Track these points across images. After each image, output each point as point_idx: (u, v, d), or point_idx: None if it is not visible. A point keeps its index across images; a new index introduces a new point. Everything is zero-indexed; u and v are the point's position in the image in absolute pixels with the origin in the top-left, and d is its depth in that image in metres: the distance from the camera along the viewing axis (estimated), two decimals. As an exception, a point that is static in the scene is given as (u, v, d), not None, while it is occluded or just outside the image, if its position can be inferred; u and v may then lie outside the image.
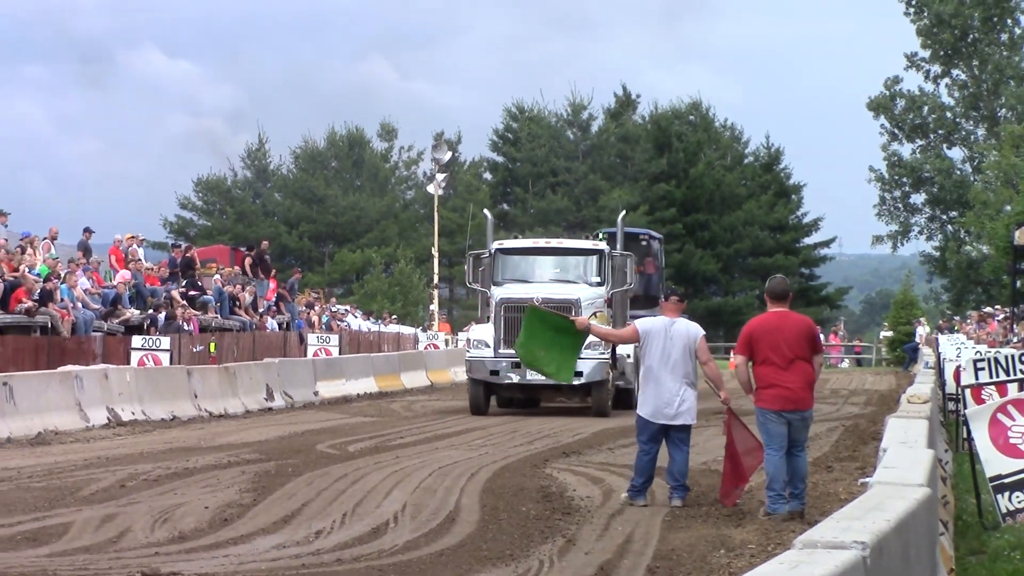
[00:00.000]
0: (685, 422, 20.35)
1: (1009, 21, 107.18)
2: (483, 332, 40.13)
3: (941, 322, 76.94)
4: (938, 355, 41.88)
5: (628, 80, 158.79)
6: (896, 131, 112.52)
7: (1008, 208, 74.60)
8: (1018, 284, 53.80)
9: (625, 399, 39.21)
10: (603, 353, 37.95)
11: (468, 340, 41.01)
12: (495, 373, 39.05)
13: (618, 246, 42.53)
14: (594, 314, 37.05)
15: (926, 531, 11.16)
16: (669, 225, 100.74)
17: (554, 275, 40.99)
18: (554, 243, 43.62)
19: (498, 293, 39.69)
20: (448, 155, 41.36)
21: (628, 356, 40.07)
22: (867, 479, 11.94)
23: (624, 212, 47.35)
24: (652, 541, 17.36)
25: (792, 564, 7.75)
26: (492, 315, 39.83)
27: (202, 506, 19.57)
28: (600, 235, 48.50)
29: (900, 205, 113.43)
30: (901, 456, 13.19)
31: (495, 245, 41.48)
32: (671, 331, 20.35)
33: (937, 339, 54.27)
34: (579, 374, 33.97)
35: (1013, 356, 21.88)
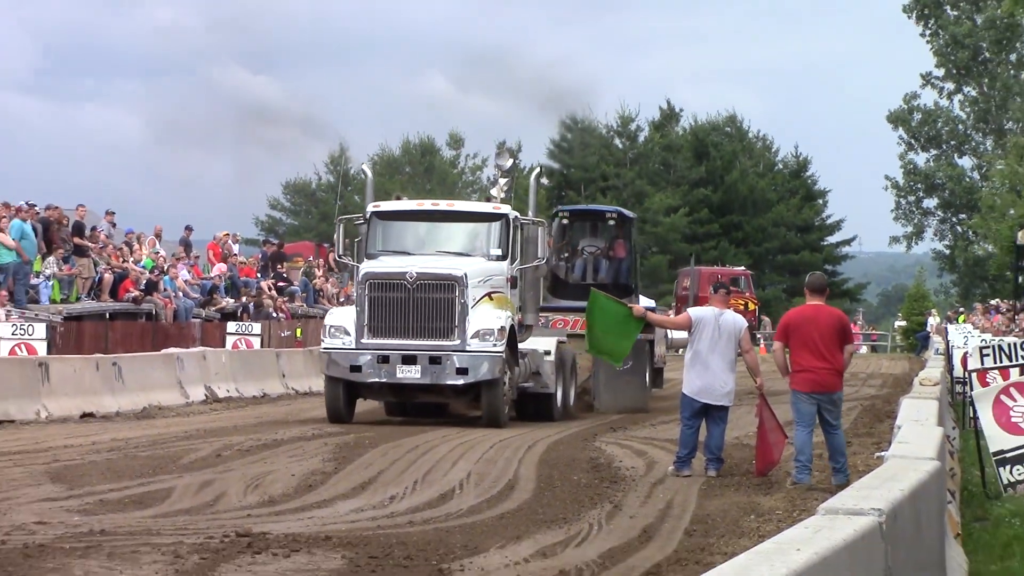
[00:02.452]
0: (725, 403, 20.46)
1: (1018, 44, 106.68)
2: (343, 317, 28.05)
3: (950, 313, 76.62)
4: (947, 343, 41.71)
5: (670, 95, 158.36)
6: (912, 142, 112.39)
7: (1012, 212, 74.20)
8: (1020, 280, 53.51)
9: (542, 407, 29.59)
10: (496, 345, 26.91)
11: (324, 327, 28.28)
12: (357, 369, 27.03)
13: (530, 212, 31.08)
14: (488, 295, 27.73)
15: (936, 500, 11.12)
16: (707, 225, 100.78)
17: (443, 246, 28.93)
18: (444, 205, 30.75)
19: (364, 267, 27.97)
20: (510, 162, 40.38)
21: (547, 353, 29.73)
22: (883, 453, 11.92)
23: (538, 170, 34.82)
24: (690, 507, 17.33)
25: (816, 529, 7.74)
26: (355, 295, 29.11)
27: (289, 473, 19.61)
28: (559, 213, 38.93)
29: (914, 208, 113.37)
30: (914, 433, 13.16)
31: (370, 207, 29.04)
32: (720, 321, 20.40)
33: (946, 328, 53.97)
34: (464, 371, 26.93)
35: (1015, 344, 21.84)
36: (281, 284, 51.38)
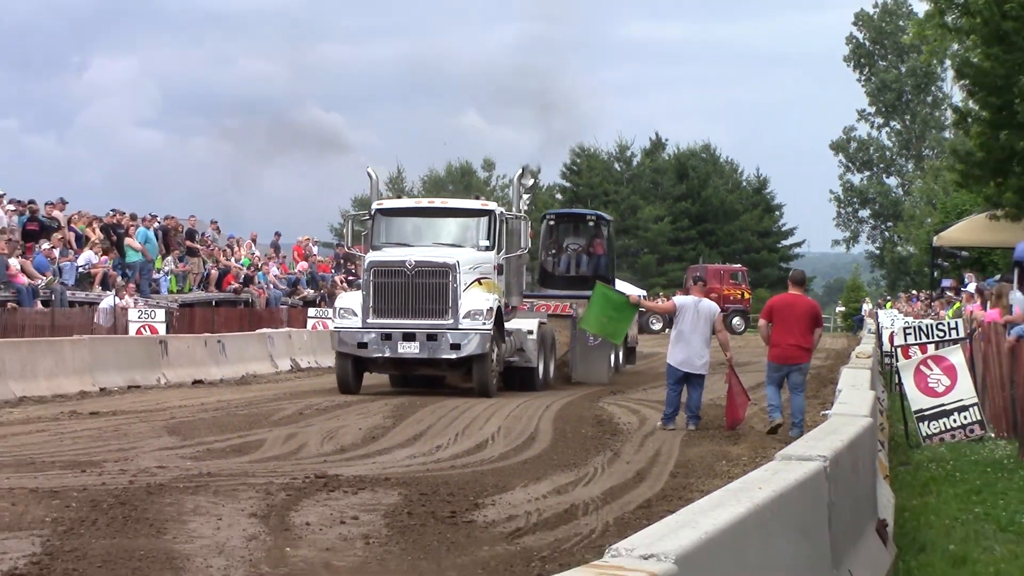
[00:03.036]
0: (702, 372, 20.54)
1: (933, 88, 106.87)
2: (351, 300, 26.64)
3: (879, 301, 76.31)
4: (878, 324, 41.55)
5: (658, 128, 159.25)
6: (850, 165, 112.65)
7: (929, 220, 74.04)
8: (935, 274, 53.25)
9: (526, 379, 27.81)
10: (485, 324, 25.34)
11: (335, 309, 27.30)
12: (363, 346, 25.64)
13: (514, 208, 28.84)
14: (478, 280, 26.15)
15: (869, 448, 11.09)
16: (687, 231, 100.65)
17: (438, 238, 27.32)
18: (438, 203, 29.34)
19: (370, 257, 26.53)
20: (531, 181, 40.03)
21: (531, 332, 27.92)
22: (827, 411, 11.86)
23: (521, 170, 30.90)
24: (674, 454, 17.30)
25: (774, 471, 7.73)
26: (362, 281, 27.14)
27: (357, 428, 19.61)
28: (547, 216, 37.41)
29: (851, 218, 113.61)
30: (851, 395, 13.12)
31: (375, 205, 27.71)
32: (698, 307, 20.53)
33: (877, 313, 53.83)
34: (456, 347, 25.31)
35: (931, 325, 21.83)
36: (351, 278, 51.44)
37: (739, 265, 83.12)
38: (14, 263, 32.81)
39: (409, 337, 25.35)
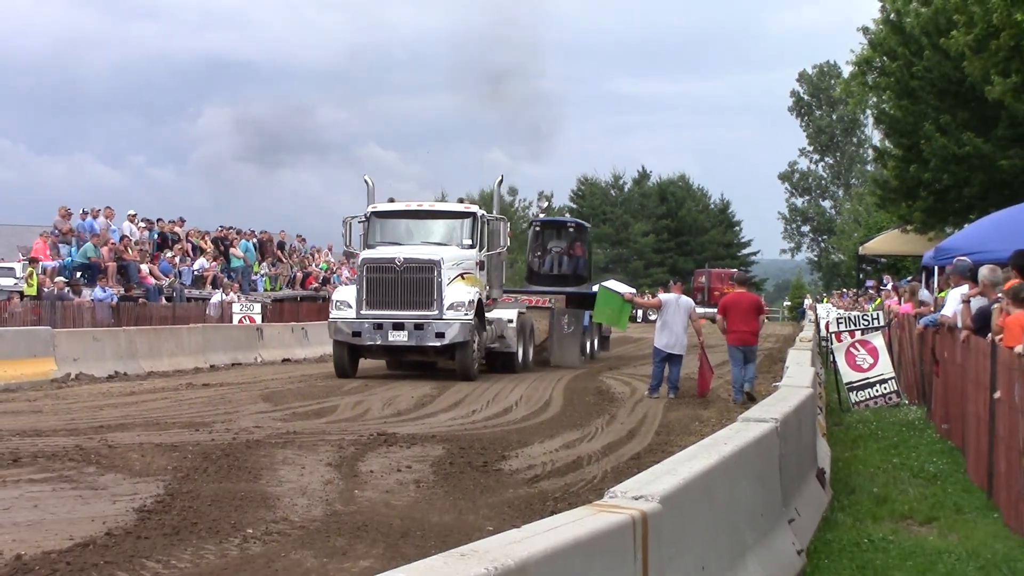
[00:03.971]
0: (681, 353, 20.47)
1: (858, 131, 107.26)
2: (346, 294, 24.05)
3: (817, 297, 76.05)
4: (816, 315, 41.43)
5: (643, 162, 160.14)
6: (793, 191, 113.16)
7: (855, 235, 73.84)
8: (860, 276, 53.03)
9: (507, 363, 25.62)
10: (467, 314, 23.08)
11: (331, 301, 24.58)
12: (357, 335, 23.21)
13: (494, 210, 26.54)
14: (461, 275, 23.72)
15: (811, 412, 11.02)
16: (667, 243, 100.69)
17: (426, 237, 24.78)
18: (426, 206, 25.85)
19: (363, 254, 24.09)
20: (546, 204, 39.44)
21: (511, 321, 25.73)
22: (777, 383, 11.79)
23: (500, 177, 28.31)
24: (658, 417, 17.22)
25: (737, 430, 7.69)
26: (357, 276, 24.29)
27: (410, 396, 19.60)
28: (533, 223, 35.82)
29: (795, 232, 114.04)
30: (796, 371, 13.07)
31: (370, 208, 25.19)
32: (679, 302, 20.59)
33: (816, 306, 53.58)
34: (441, 335, 22.97)
35: (857, 316, 21.82)
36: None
37: (735, 269, 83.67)
38: (144, 268, 32.93)
39: (399, 327, 23.13)
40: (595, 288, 25.62)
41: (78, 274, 30.36)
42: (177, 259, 35.25)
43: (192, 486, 10.37)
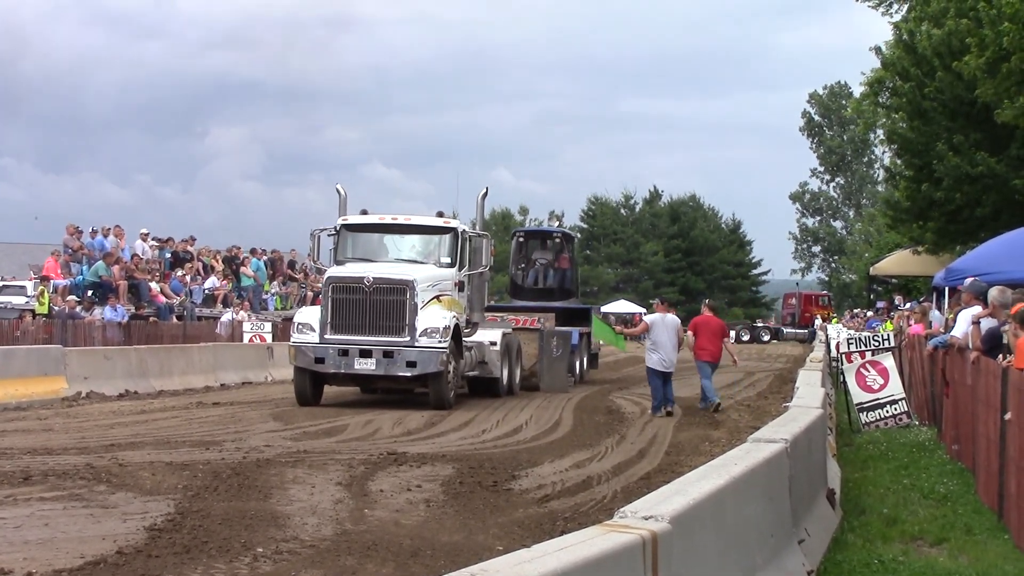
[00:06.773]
0: (672, 370, 20.84)
1: (868, 152, 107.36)
2: (309, 315, 21.31)
3: (829, 317, 75.98)
4: (827, 336, 41.36)
5: (655, 182, 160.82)
6: (804, 211, 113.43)
7: (866, 255, 73.74)
8: (871, 297, 52.99)
9: (490, 388, 23.78)
10: (441, 342, 20.42)
11: (293, 323, 21.74)
12: (320, 361, 20.58)
13: (477, 226, 23.55)
14: (437, 297, 21.16)
15: (821, 432, 11.02)
16: (678, 263, 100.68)
17: (400, 254, 22.10)
18: (402, 219, 22.49)
19: (329, 272, 21.37)
20: (557, 223, 39.25)
21: (493, 344, 23.62)
22: (788, 404, 11.79)
23: (485, 190, 23.87)
24: (668, 437, 17.21)
25: (747, 450, 7.68)
26: (321, 296, 21.68)
27: (420, 415, 19.56)
28: (516, 233, 33.95)
29: (806, 252, 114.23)
30: (807, 391, 13.06)
31: (340, 221, 22.35)
32: (666, 320, 20.94)
33: (826, 327, 53.52)
34: (412, 364, 20.41)
35: (868, 337, 21.75)
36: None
37: (825, 291, 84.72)
38: (155, 287, 33.01)
39: (366, 354, 20.54)
40: (587, 305, 25.42)
41: (89, 293, 30.47)
42: (188, 278, 35.34)
43: (202, 505, 10.39)
